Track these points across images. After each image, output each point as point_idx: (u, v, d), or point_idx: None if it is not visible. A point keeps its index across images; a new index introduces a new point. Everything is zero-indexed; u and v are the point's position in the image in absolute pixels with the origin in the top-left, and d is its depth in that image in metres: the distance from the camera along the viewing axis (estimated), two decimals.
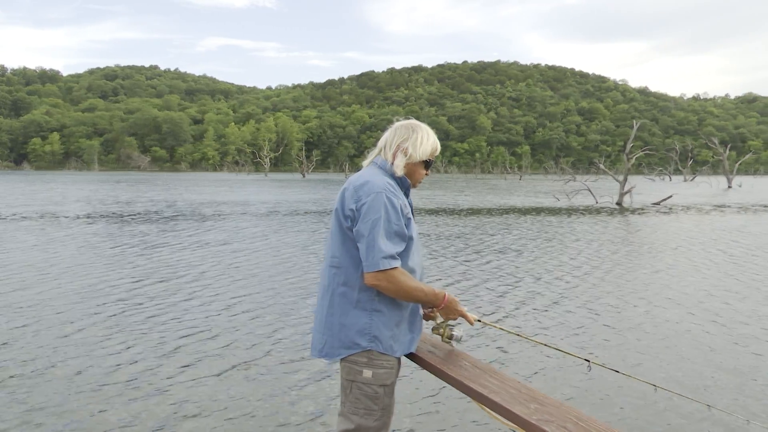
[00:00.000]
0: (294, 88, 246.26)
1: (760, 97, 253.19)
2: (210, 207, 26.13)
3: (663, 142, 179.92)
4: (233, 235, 15.75)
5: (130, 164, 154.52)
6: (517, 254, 12.93)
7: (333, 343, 2.55)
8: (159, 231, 16.38)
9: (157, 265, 10.94)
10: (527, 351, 6.10)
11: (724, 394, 5.00)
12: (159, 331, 6.64)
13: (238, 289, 8.90)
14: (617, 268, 11.28)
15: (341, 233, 2.54)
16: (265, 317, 7.32)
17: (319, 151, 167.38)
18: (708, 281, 10.07)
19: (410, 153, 2.62)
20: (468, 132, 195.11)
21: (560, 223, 20.64)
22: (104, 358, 5.67)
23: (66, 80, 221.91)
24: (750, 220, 22.74)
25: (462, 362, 2.66)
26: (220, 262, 11.29)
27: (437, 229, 18.00)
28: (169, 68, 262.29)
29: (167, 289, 8.88)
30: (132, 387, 4.98)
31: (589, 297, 8.76)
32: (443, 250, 13.45)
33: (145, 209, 24.36)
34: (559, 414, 2.17)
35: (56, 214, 21.27)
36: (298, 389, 5.03)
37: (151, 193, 37.76)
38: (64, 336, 6.37)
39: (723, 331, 6.95)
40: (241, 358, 5.79)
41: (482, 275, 10.40)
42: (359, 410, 2.51)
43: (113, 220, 19.36)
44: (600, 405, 4.78)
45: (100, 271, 10.24)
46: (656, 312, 7.89)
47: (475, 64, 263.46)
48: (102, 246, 13.30)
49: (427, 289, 2.54)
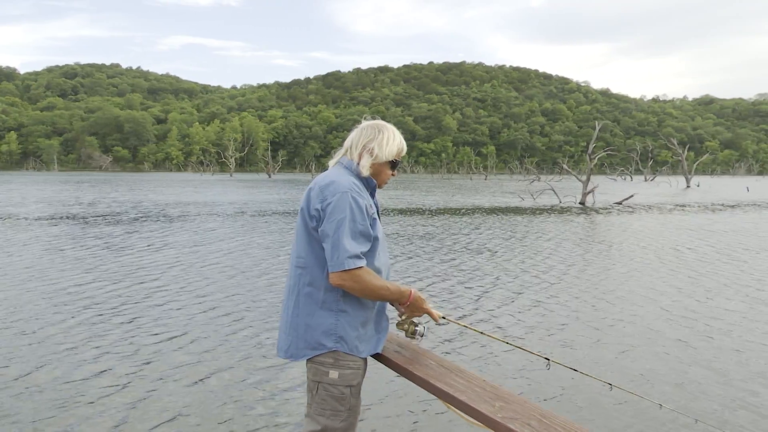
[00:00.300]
0: (259, 88, 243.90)
1: (717, 99, 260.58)
2: (177, 208, 25.75)
3: (624, 143, 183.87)
4: (202, 236, 15.55)
5: (91, 164, 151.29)
6: (482, 253, 13.04)
7: (298, 343, 2.54)
8: (125, 233, 16.07)
9: (124, 268, 10.74)
10: (491, 348, 6.16)
11: (677, 393, 5.11)
12: (127, 335, 6.52)
13: (208, 292, 8.79)
14: (581, 267, 11.47)
15: (306, 233, 2.54)
16: (232, 319, 7.24)
17: (285, 151, 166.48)
18: (672, 280, 10.30)
19: (376, 153, 2.63)
20: (434, 132, 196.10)
21: (526, 222, 20.89)
22: (72, 365, 5.55)
23: (23, 78, 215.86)
24: (711, 218, 23.35)
25: (428, 362, 2.68)
26: (190, 265, 11.13)
27: (406, 228, 18.05)
28: (131, 66, 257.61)
29: (137, 292, 8.72)
30: (100, 394, 4.89)
31: (553, 295, 8.90)
32: (412, 249, 13.49)
33: (111, 210, 23.88)
34: (524, 411, 2.19)
35: (17, 216, 20.71)
36: (264, 391, 4.99)
37: (115, 194, 37.03)
38: (27, 342, 6.21)
39: (683, 331, 7.12)
40: (205, 361, 5.72)
41: (447, 273, 10.46)
42: (326, 411, 2.51)
43: (77, 222, 18.93)
44: (558, 402, 4.85)
45: (69, 274, 10.00)
46: (619, 310, 8.05)
47: (441, 65, 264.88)
48: (67, 248, 12.99)
49: (392, 288, 2.55)
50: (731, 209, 29.28)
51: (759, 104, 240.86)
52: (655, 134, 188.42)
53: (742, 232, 18.07)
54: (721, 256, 13.00)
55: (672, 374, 5.53)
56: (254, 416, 4.49)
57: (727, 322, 7.44)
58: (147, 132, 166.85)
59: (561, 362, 2.90)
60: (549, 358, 2.76)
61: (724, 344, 6.49)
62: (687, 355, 6.11)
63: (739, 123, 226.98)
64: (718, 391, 5.14)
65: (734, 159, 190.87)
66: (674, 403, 4.80)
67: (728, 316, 7.72)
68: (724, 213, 26.68)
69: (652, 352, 6.20)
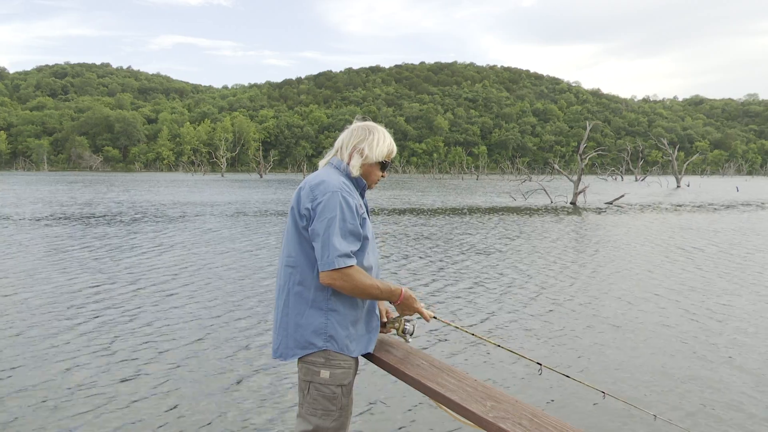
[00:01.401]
0: (251, 88, 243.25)
1: (707, 100, 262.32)
2: (175, 208, 25.63)
3: (615, 143, 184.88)
4: (208, 236, 15.53)
5: (81, 164, 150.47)
6: (474, 253, 13.06)
7: (288, 343, 2.54)
8: (127, 233, 15.99)
9: (122, 269, 10.69)
10: (483, 349, 6.17)
11: (672, 402, 5.01)
12: (128, 335, 6.49)
13: (205, 292, 8.77)
14: (574, 268, 11.51)
15: (297, 233, 2.54)
16: (230, 319, 7.23)
17: (276, 151, 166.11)
18: (666, 281, 10.33)
19: (366, 154, 2.64)
20: (425, 132, 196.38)
21: (517, 222, 20.95)
22: (71, 365, 5.52)
23: (13, 77, 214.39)
24: (704, 218, 23.49)
25: (419, 361, 2.68)
26: (200, 266, 11.10)
27: (398, 228, 18.06)
28: (122, 66, 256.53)
29: (135, 294, 8.68)
30: (92, 396, 4.87)
31: (547, 297, 8.92)
32: (404, 248, 13.49)
33: (110, 211, 23.76)
34: (515, 411, 2.19)
35: (19, 217, 20.57)
36: (255, 391, 4.98)
37: (112, 194, 36.84)
38: (24, 344, 6.17)
39: (680, 337, 7.13)
40: (200, 360, 5.71)
41: (440, 273, 10.48)
42: (317, 411, 2.50)
43: (76, 223, 18.82)
44: (550, 408, 4.81)
45: (68, 275, 9.95)
46: (615, 314, 8.07)
47: (432, 65, 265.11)
48: (71, 250, 12.90)
49: (383, 286, 2.55)
50: (725, 209, 29.48)
51: (748, 104, 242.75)
52: (646, 134, 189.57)
53: (740, 232, 18.18)
54: (721, 257, 13.07)
55: (668, 382, 5.50)
56: (245, 416, 4.48)
57: (727, 326, 7.47)
58: (137, 132, 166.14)
59: (553, 368, 2.89)
60: (541, 363, 2.76)
61: (724, 353, 6.47)
62: (685, 362, 6.13)
63: (728, 123, 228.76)
64: (717, 405, 5.04)
65: (724, 159, 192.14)
66: (669, 414, 4.69)
67: (729, 321, 7.74)
68: (714, 213, 26.85)
69: (650, 357, 6.22)
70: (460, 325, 3.78)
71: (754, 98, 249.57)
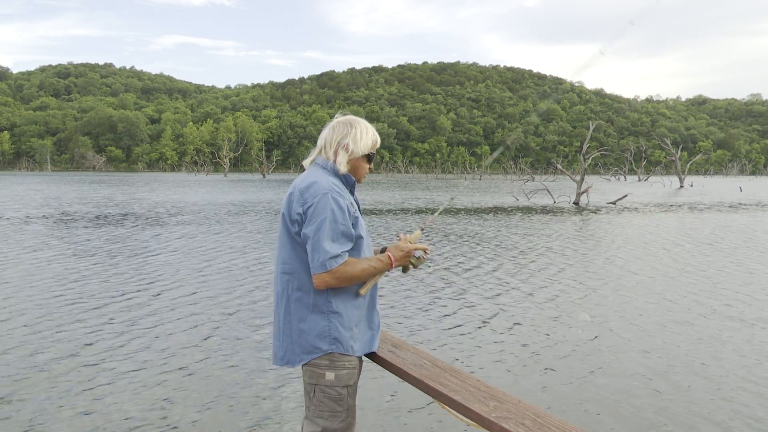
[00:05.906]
0: (253, 88, 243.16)
1: (710, 100, 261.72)
2: (185, 208, 25.66)
3: (618, 143, 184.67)
4: (207, 238, 15.55)
5: (84, 164, 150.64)
6: (476, 253, 13.06)
7: (294, 349, 2.55)
8: (137, 234, 16.04)
9: (138, 270, 10.73)
10: (485, 350, 6.18)
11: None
12: (128, 335, 6.53)
13: (211, 294, 8.80)
14: (577, 268, 11.48)
15: (290, 239, 2.54)
16: (230, 322, 7.25)
17: (279, 151, 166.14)
18: (671, 283, 10.30)
19: (351, 149, 2.63)
20: (428, 132, 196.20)
21: (521, 222, 20.91)
22: (71, 365, 5.55)
23: (16, 78, 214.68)
24: (708, 218, 23.41)
25: (422, 361, 2.71)
26: (216, 270, 11.14)
27: (408, 225, 18.06)
28: (125, 66, 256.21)
29: (143, 294, 8.72)
30: (97, 395, 4.90)
31: (548, 299, 8.90)
32: None
33: (125, 210, 23.81)
34: (518, 411, 2.21)
35: (28, 218, 20.63)
36: (261, 397, 5.00)
37: (122, 195, 36.86)
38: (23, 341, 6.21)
39: (682, 347, 7.13)
40: (203, 364, 5.73)
41: (442, 273, 10.48)
42: (324, 413, 2.52)
43: (108, 223, 18.87)
44: (554, 408, 4.84)
45: (85, 276, 10.00)
46: (619, 319, 8.07)
47: (435, 65, 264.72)
48: (88, 252, 12.96)
49: (376, 264, 2.55)
50: (727, 209, 29.38)
51: (751, 104, 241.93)
52: (649, 134, 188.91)
53: (741, 231, 18.13)
54: (720, 256, 13.04)
55: (675, 415, 5.23)
56: (251, 420, 4.49)
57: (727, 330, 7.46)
58: (140, 132, 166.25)
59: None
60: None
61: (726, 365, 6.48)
62: (686, 392, 6.11)
63: (731, 123, 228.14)
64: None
65: (727, 159, 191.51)
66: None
67: (729, 322, 7.74)
68: (717, 213, 26.77)
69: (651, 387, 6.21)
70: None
71: (758, 98, 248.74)
